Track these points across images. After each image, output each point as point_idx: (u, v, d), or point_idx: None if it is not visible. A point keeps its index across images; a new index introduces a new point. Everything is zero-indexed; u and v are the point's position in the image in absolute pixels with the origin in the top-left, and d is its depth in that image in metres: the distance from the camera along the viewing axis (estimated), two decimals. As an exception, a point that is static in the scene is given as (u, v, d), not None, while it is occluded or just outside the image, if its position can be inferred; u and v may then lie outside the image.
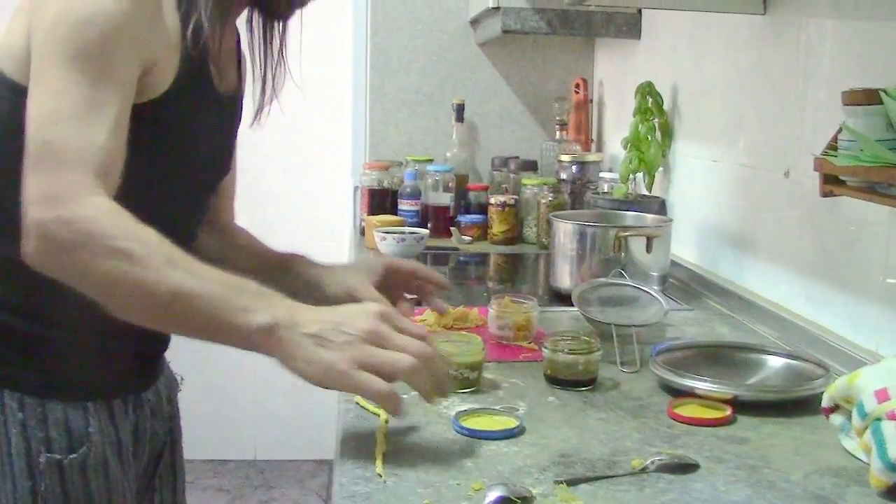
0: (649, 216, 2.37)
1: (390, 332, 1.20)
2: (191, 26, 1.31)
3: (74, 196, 1.15)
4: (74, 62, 1.19)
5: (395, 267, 1.67)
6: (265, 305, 1.18)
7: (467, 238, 3.06)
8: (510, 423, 1.37)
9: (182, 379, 1.65)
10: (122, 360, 1.43)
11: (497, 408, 1.44)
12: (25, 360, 1.33)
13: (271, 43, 1.51)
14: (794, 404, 1.48)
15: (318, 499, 4.17)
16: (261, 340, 1.17)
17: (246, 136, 1.59)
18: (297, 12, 1.47)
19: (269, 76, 1.52)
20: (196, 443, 4.32)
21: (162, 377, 1.57)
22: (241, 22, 1.50)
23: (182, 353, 1.59)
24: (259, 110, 1.54)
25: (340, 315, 1.21)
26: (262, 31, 1.50)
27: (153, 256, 1.15)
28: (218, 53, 1.39)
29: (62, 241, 1.14)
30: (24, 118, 1.19)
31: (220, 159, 1.55)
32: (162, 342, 1.53)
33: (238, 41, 1.54)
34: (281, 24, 1.51)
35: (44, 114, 1.18)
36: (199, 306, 1.16)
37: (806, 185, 1.88)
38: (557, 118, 3.36)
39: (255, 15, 1.49)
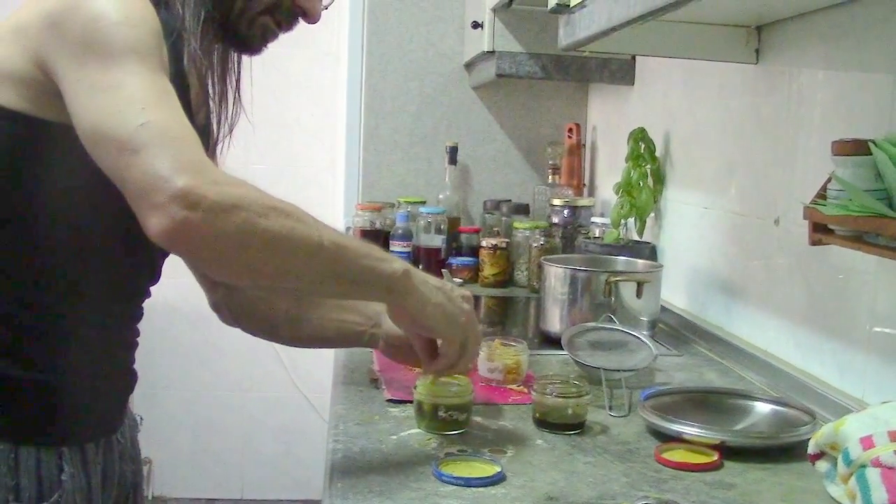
0: (640, 261, 2.37)
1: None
2: (185, 58, 1.29)
3: (206, 165, 1.12)
4: (127, 57, 1.15)
5: None
6: (393, 259, 1.31)
7: (458, 280, 3.06)
8: (491, 469, 1.35)
9: (141, 419, 1.60)
10: (97, 400, 1.40)
11: (485, 451, 1.44)
12: (1, 405, 1.28)
13: (227, 76, 1.48)
14: (781, 450, 1.48)
15: (305, 539, 4.15)
16: (399, 284, 1.29)
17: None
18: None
19: (225, 110, 1.49)
20: (183, 481, 4.35)
21: (127, 418, 1.52)
22: None
23: (170, 392, 1.58)
24: (216, 144, 1.52)
25: (448, 283, 1.41)
26: (220, 65, 1.47)
27: (302, 214, 1.19)
28: (199, 86, 1.38)
29: (218, 204, 1.09)
30: (19, 147, 1.19)
31: None
32: (133, 380, 1.49)
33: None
34: (236, 56, 1.49)
35: (120, 104, 1.13)
36: (353, 256, 1.24)
37: (795, 234, 1.90)
38: (550, 162, 3.37)
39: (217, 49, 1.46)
